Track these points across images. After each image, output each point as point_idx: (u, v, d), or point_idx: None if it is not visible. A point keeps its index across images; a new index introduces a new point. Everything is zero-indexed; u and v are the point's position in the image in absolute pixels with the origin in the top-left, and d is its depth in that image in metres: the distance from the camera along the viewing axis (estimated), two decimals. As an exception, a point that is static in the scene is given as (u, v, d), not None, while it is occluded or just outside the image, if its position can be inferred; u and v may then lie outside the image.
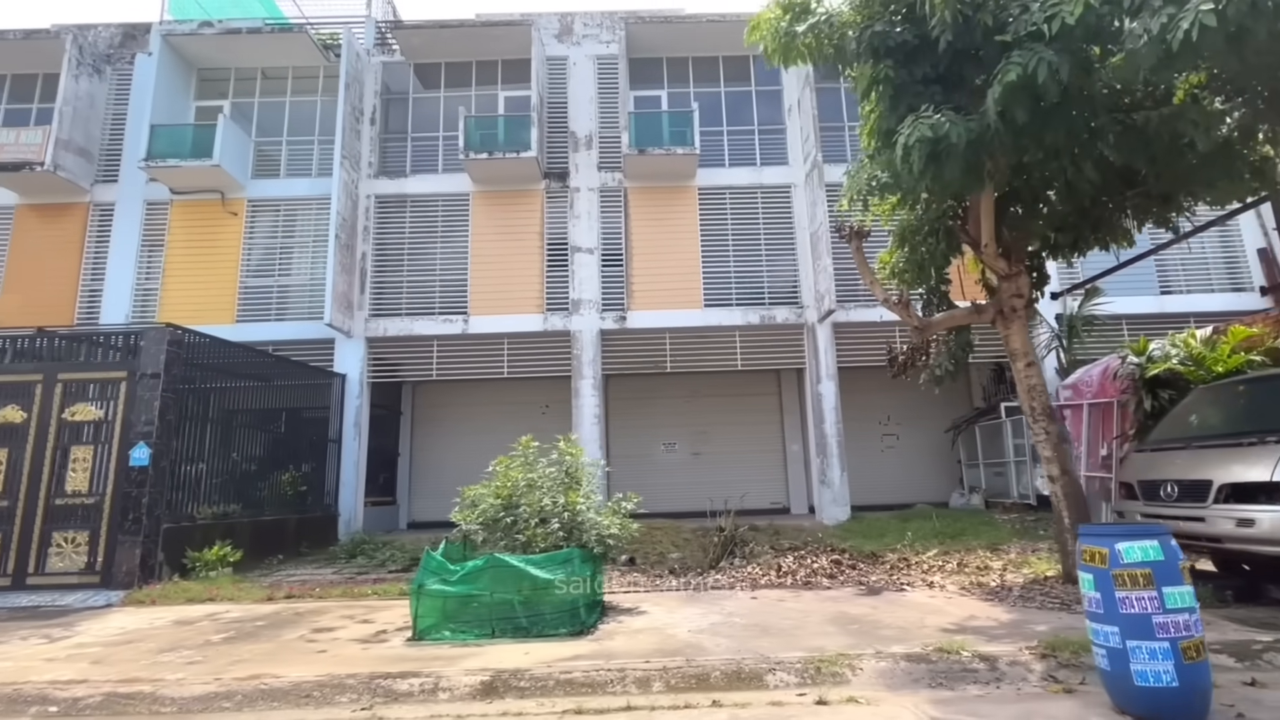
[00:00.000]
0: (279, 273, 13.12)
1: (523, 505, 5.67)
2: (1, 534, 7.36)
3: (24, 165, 12.29)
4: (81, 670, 4.33)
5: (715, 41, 13.83)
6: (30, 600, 6.94)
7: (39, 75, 13.90)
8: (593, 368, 12.53)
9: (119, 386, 7.70)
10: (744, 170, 13.50)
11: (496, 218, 13.20)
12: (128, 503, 7.37)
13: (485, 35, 13.44)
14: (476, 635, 4.92)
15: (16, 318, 12.53)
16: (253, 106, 13.84)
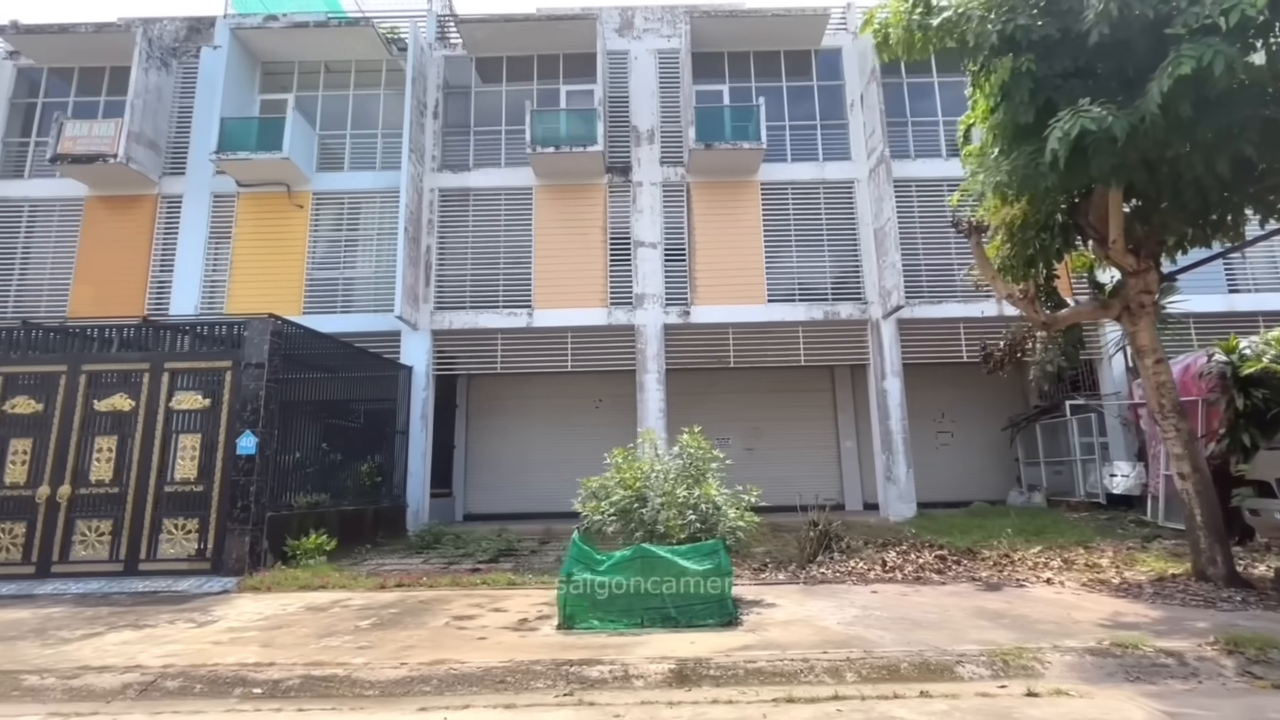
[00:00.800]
0: (344, 265, 13.22)
1: (657, 496, 5.70)
2: (113, 520, 7.47)
3: (97, 157, 12.43)
4: (256, 653, 4.40)
5: (777, 36, 13.77)
6: (145, 585, 7.04)
7: (106, 68, 14.05)
8: (657, 362, 12.55)
9: (224, 376, 7.79)
10: (807, 165, 13.45)
11: (559, 212, 13.23)
12: (236, 491, 7.46)
13: (549, 29, 13.45)
14: (626, 625, 4.95)
15: (88, 308, 12.70)
16: (316, 100, 13.91)
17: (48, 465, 7.58)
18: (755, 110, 12.70)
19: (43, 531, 7.43)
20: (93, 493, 7.54)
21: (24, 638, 5.02)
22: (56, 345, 8.05)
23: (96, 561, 7.36)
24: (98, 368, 7.83)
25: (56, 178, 13.46)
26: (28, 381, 7.79)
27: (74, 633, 5.14)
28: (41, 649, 4.65)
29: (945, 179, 13.31)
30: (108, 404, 7.73)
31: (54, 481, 7.53)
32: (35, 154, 13.72)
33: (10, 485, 7.56)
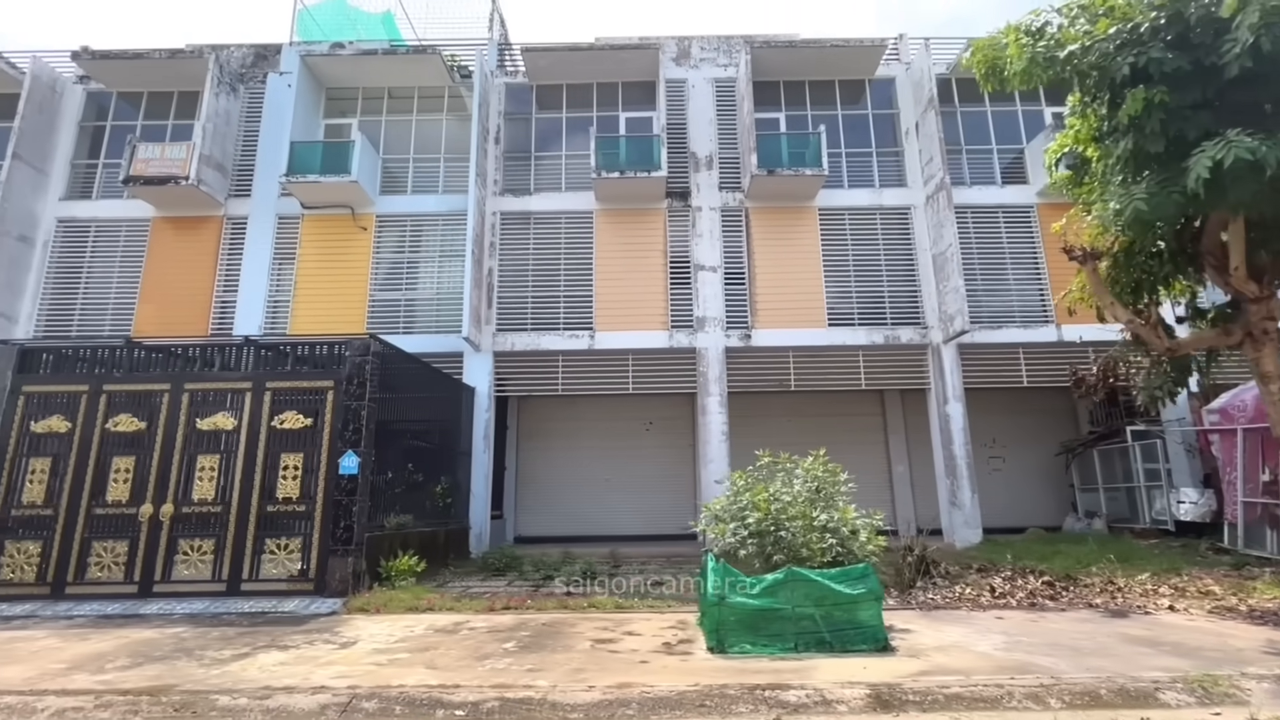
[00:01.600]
0: (406, 286, 13.34)
1: (796, 519, 5.69)
2: (215, 539, 7.46)
3: (169, 179, 12.63)
4: (428, 675, 4.37)
5: (832, 65, 14.06)
6: (251, 606, 7.01)
7: (174, 93, 14.35)
8: (719, 385, 12.59)
9: (325, 395, 7.84)
10: (863, 191, 13.63)
11: (620, 235, 13.39)
12: (339, 511, 7.46)
13: (611, 58, 13.75)
14: (780, 649, 4.92)
15: (152, 327, 12.83)
16: (379, 124, 14.17)
17: (150, 483, 7.59)
18: (816, 138, 12.92)
19: (145, 550, 7.41)
20: (195, 511, 7.54)
21: (173, 657, 4.99)
22: (157, 364, 8.09)
23: (199, 581, 7.33)
24: (200, 386, 7.89)
25: (124, 199, 13.67)
26: (130, 399, 7.84)
27: (221, 653, 5.11)
28: (205, 669, 4.63)
29: (1000, 205, 13.51)
30: (210, 423, 7.77)
31: (156, 500, 7.54)
32: (103, 176, 13.95)
33: (113, 503, 7.57)
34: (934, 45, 14.15)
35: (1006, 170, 13.86)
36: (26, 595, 7.24)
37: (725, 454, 12.35)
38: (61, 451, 7.68)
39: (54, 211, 13.56)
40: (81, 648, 5.36)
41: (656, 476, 15.19)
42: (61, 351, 8.14)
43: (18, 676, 4.49)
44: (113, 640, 5.60)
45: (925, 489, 14.74)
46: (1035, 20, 6.48)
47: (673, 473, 15.15)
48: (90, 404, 7.79)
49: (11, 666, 4.78)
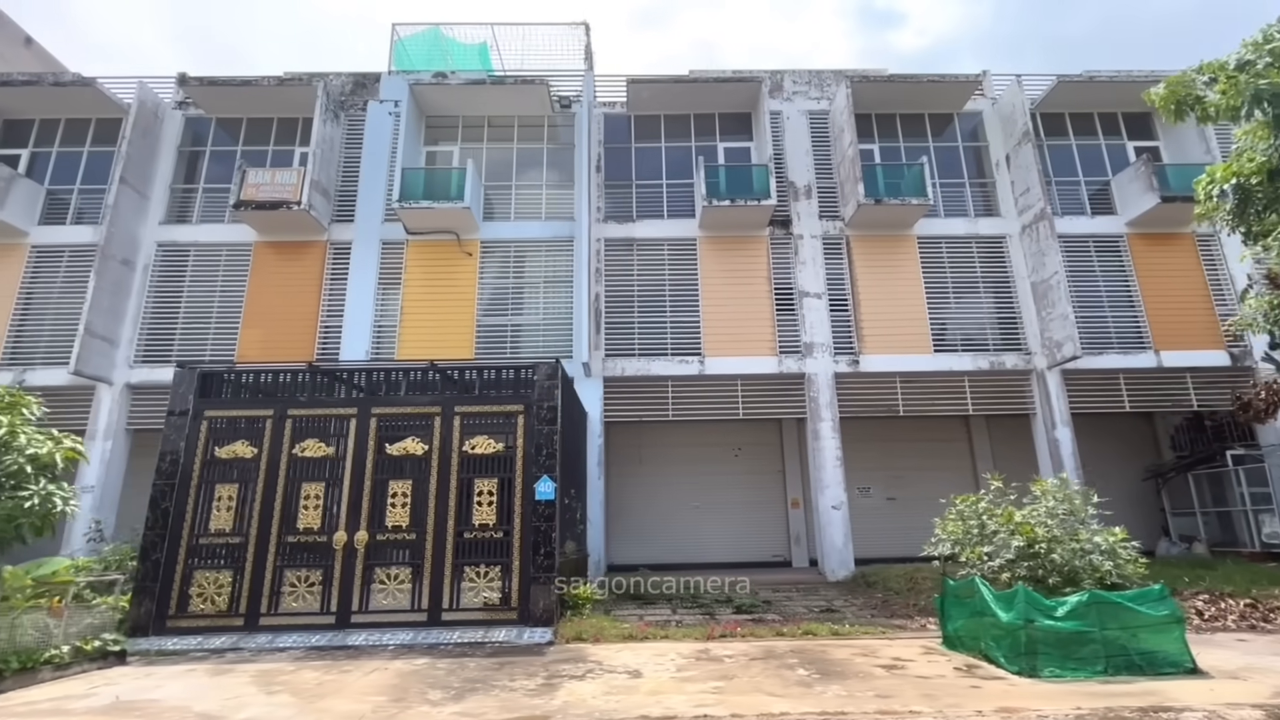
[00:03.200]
0: (511, 312, 13.34)
1: (1059, 542, 5.72)
2: (412, 567, 7.31)
3: (281, 204, 12.62)
4: (785, 704, 4.30)
5: (923, 100, 14.48)
6: (459, 636, 6.86)
7: (273, 119, 14.41)
8: (830, 410, 12.65)
9: (516, 420, 7.78)
10: (959, 221, 13.94)
11: (724, 262, 13.54)
12: (538, 537, 7.36)
13: (712, 91, 14.07)
14: (1092, 673, 4.92)
15: (257, 352, 12.70)
16: (480, 152, 14.29)
17: (342, 510, 7.45)
18: (919, 168, 13.25)
19: (341, 579, 7.24)
20: (389, 539, 7.40)
21: (476, 689, 4.86)
22: (340, 388, 8.00)
23: (398, 611, 7.16)
24: (388, 411, 7.80)
25: (225, 223, 13.64)
26: (316, 424, 7.73)
27: (514, 683, 4.99)
28: (538, 699, 4.52)
29: (1090, 235, 13.86)
30: (399, 448, 7.67)
31: (350, 527, 7.39)
32: (202, 200, 13.90)
33: (304, 530, 7.40)
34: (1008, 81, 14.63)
35: (1094, 200, 14.26)
36: (220, 627, 7.02)
37: (840, 479, 12.37)
38: (248, 477, 7.53)
39: (154, 235, 13.46)
40: (357, 680, 5.20)
41: (744, 503, 15.11)
42: (240, 376, 8.02)
43: (352, 710, 4.34)
44: (375, 673, 5.44)
45: (1015, 514, 14.82)
46: (1239, 57, 6.76)
47: (761, 499, 15.10)
48: (275, 429, 7.67)
49: (331, 699, 4.63)
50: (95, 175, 14.04)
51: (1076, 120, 14.84)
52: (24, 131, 14.28)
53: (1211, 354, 12.96)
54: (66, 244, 13.41)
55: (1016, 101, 13.88)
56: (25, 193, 13.29)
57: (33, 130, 14.25)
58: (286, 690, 4.87)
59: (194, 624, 7.03)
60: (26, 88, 13.62)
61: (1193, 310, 13.34)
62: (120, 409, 12.45)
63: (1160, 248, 13.75)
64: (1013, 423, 14.65)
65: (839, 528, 12.12)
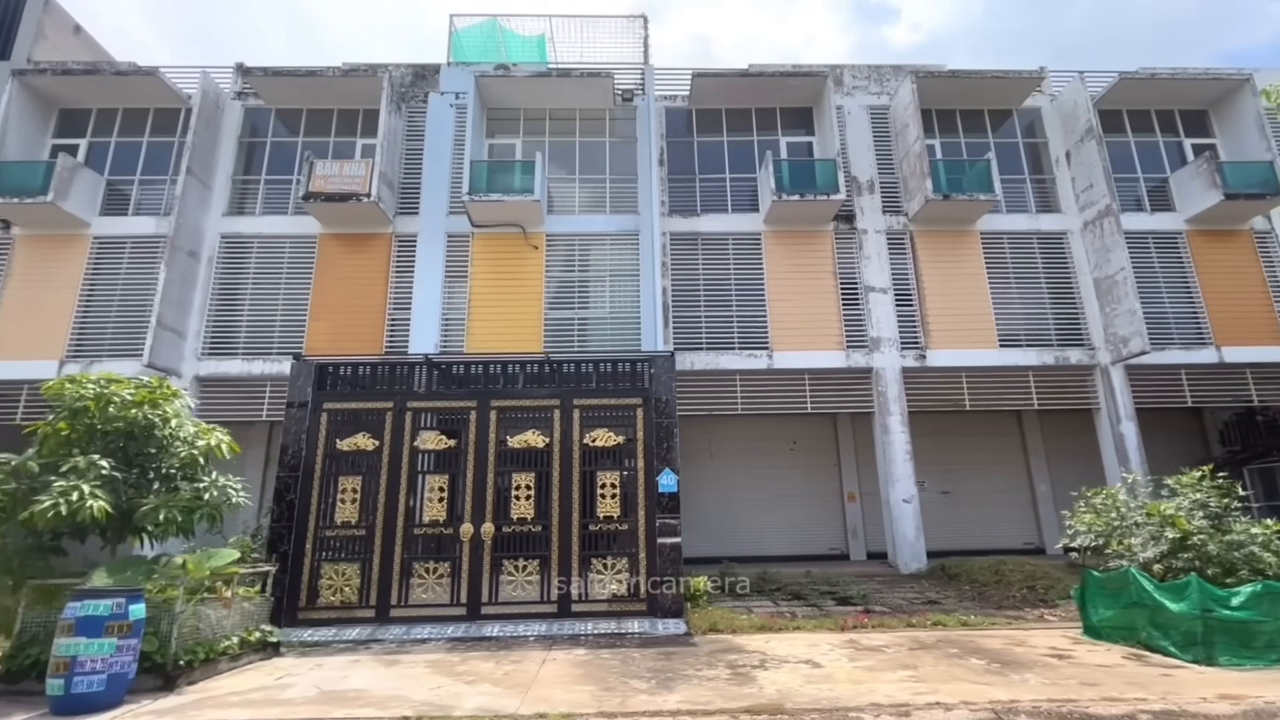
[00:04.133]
0: (579, 305, 13.33)
1: (1210, 536, 5.80)
2: (539, 559, 7.34)
3: (350, 196, 12.55)
4: (1004, 692, 4.36)
5: (983, 96, 14.52)
6: (593, 627, 6.88)
7: (333, 110, 14.31)
8: (899, 404, 12.73)
9: (634, 412, 7.81)
10: (1020, 217, 14.02)
11: (789, 256, 13.57)
12: (663, 529, 7.39)
13: (777, 85, 14.06)
14: (1267, 662, 5.00)
15: (326, 345, 12.64)
16: (542, 145, 14.23)
17: (467, 502, 7.46)
18: (985, 164, 13.30)
19: (469, 571, 7.26)
20: (515, 531, 7.42)
21: (670, 679, 4.89)
22: (457, 381, 7.99)
23: (528, 602, 7.19)
24: (507, 404, 7.80)
25: (288, 215, 13.56)
26: (436, 417, 7.73)
27: (701, 672, 5.03)
28: (738, 688, 4.56)
29: (1150, 231, 13.95)
30: (520, 440, 7.68)
31: (476, 519, 7.40)
32: (265, 191, 13.80)
33: (429, 523, 7.42)
34: (1068, 78, 14.70)
35: (1149, 198, 14.36)
36: (351, 619, 7.03)
37: (910, 473, 12.46)
38: (370, 470, 7.53)
39: (217, 227, 13.37)
40: (539, 670, 5.23)
41: (800, 497, 15.19)
42: (356, 369, 7.99)
43: (573, 699, 4.37)
44: (549, 663, 5.47)
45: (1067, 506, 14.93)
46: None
47: (816, 493, 15.20)
48: (396, 421, 7.67)
49: (542, 689, 4.65)
50: (154, 166, 13.92)
51: (1134, 117, 14.93)
52: (81, 121, 14.12)
53: (1272, 350, 13.11)
54: (128, 235, 13.29)
55: (1079, 98, 13.94)
56: (87, 183, 13.16)
57: (90, 120, 14.09)
58: (483, 680, 4.89)
59: (325, 615, 7.03)
60: (86, 77, 13.45)
61: (1253, 306, 13.48)
62: (189, 400, 12.35)
63: (1219, 244, 13.88)
64: (1067, 417, 14.79)
65: (910, 521, 12.21)
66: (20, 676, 4.72)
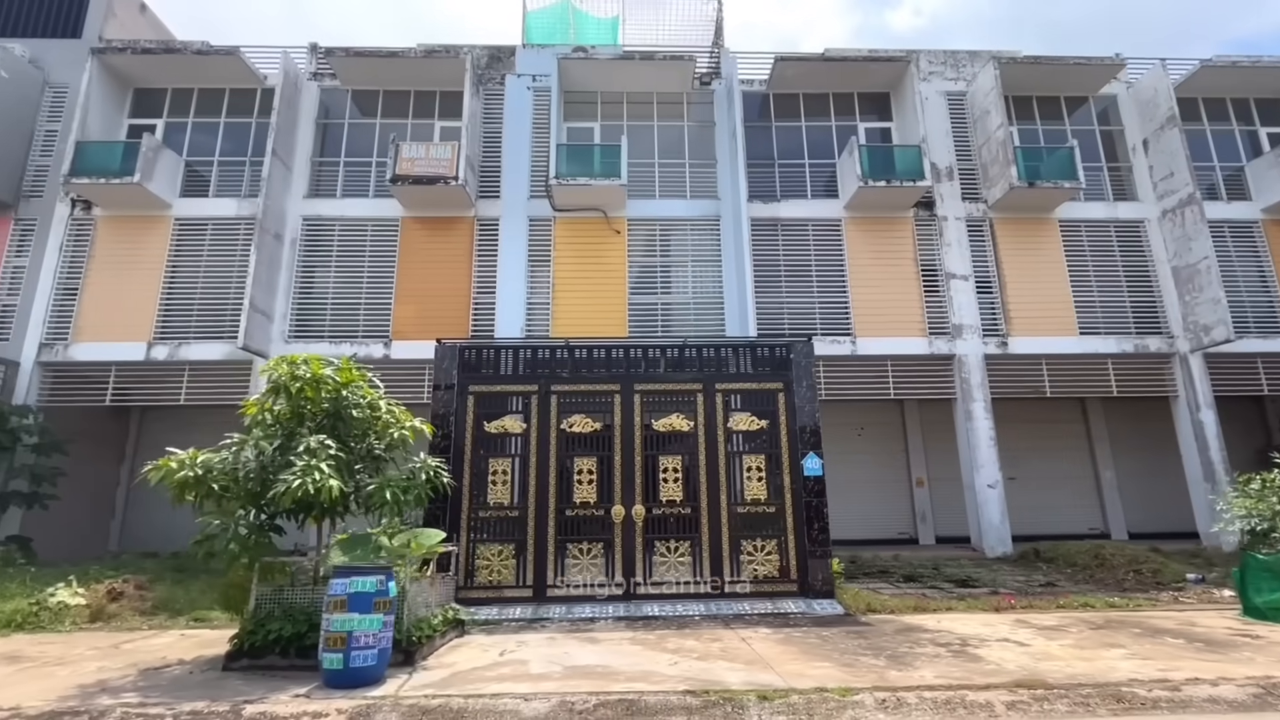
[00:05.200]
0: (661, 290, 13.36)
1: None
2: (690, 541, 7.44)
3: (438, 179, 12.51)
4: (1230, 667, 4.49)
5: (1058, 83, 14.49)
6: (749, 607, 7.00)
7: (410, 92, 14.22)
8: (982, 390, 12.84)
9: (776, 397, 7.89)
10: (1098, 205, 14.05)
11: (871, 243, 13.60)
12: (810, 512, 7.51)
13: (858, 70, 14.00)
14: None
15: (413, 329, 12.69)
16: (619, 129, 14.17)
17: (616, 484, 7.55)
18: (1069, 151, 13.31)
19: (623, 552, 7.36)
20: (665, 513, 7.52)
21: (890, 657, 5.01)
22: (599, 364, 8.04)
23: (682, 583, 7.31)
24: (650, 388, 7.87)
25: (369, 197, 13.52)
26: (581, 400, 7.80)
27: (917, 650, 5.15)
28: (975, 664, 4.67)
29: (1225, 220, 14.00)
30: (665, 424, 7.76)
31: (626, 501, 7.50)
32: (344, 173, 13.74)
33: (580, 504, 7.51)
34: (1148, 65, 14.66)
35: (1226, 186, 14.39)
36: (508, 598, 7.14)
37: (995, 458, 12.61)
38: (520, 452, 7.60)
39: (298, 209, 13.32)
40: (742, 647, 5.34)
41: (869, 481, 15.33)
42: (499, 352, 8.03)
43: (827, 674, 4.48)
44: (744, 641, 5.58)
45: (1132, 493, 15.19)
46: None
47: (885, 478, 15.35)
48: (542, 404, 7.73)
49: (780, 666, 4.75)
50: (231, 146, 13.85)
51: (1209, 105, 14.92)
52: (156, 101, 14.01)
53: (1352, 339, 13.24)
54: (209, 216, 13.25)
55: (1160, 85, 13.92)
56: (168, 164, 13.08)
57: (165, 100, 13.98)
58: (710, 656, 4.99)
59: (483, 595, 7.13)
60: (165, 56, 13.32)
61: None
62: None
63: (1296, 233, 13.95)
64: (1133, 405, 14.95)
65: (995, 506, 12.37)
66: (264, 651, 4.80)
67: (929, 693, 3.97)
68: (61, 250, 12.83)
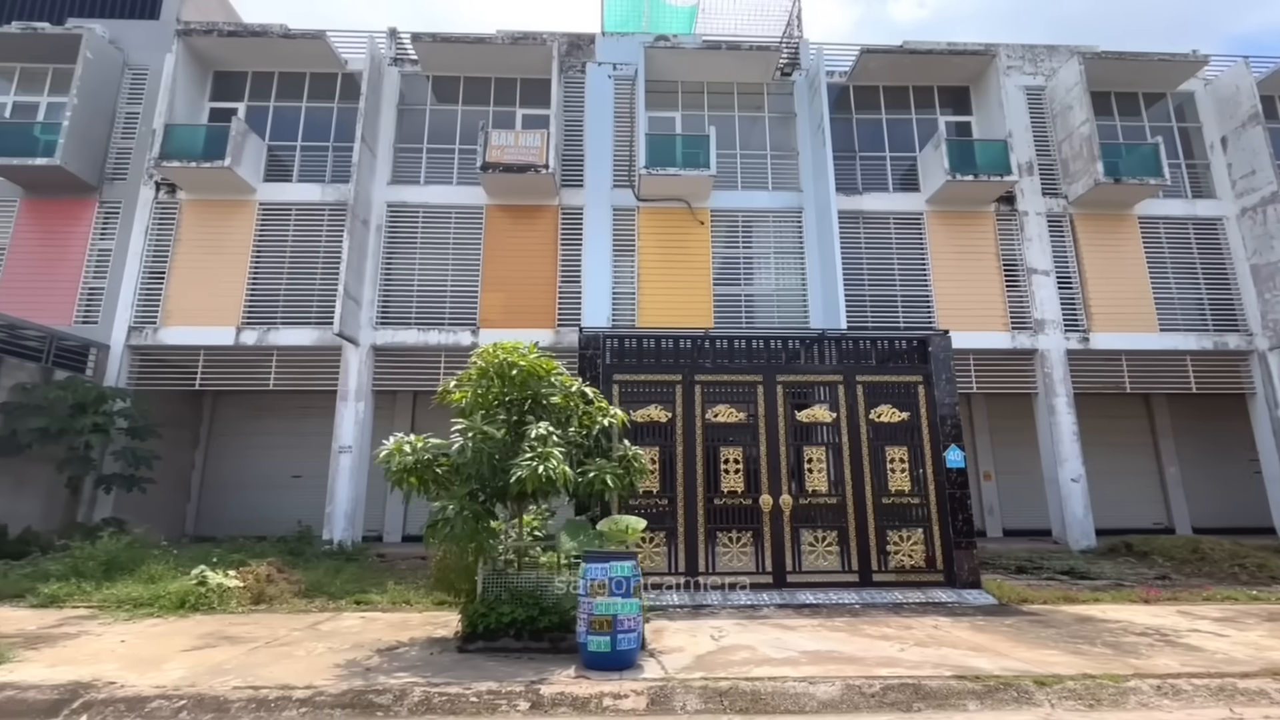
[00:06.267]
0: (744, 281, 13.39)
1: None
2: (837, 530, 7.53)
3: (529, 167, 12.48)
4: None
5: (1138, 79, 14.49)
6: (900, 596, 7.10)
7: (490, 79, 14.16)
8: (1065, 386, 12.93)
9: (916, 389, 7.95)
10: (1176, 202, 14.09)
11: (953, 237, 13.63)
12: (954, 503, 7.59)
13: (939, 63, 13.99)
14: None
15: (500, 317, 12.74)
16: (701, 119, 14.14)
17: (762, 473, 7.62)
18: (1154, 148, 13.34)
19: (771, 540, 7.45)
20: (811, 503, 7.60)
21: (1109, 645, 5.10)
22: (740, 355, 8.09)
23: (831, 571, 7.40)
24: (791, 379, 7.92)
25: (453, 184, 13.50)
26: (724, 390, 7.85)
27: (1127, 640, 5.24)
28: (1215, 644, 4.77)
29: (1303, 219, 14.05)
30: (808, 415, 7.82)
31: (773, 490, 7.57)
32: (427, 160, 13.71)
33: (728, 493, 7.58)
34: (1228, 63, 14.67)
35: (1302, 185, 14.44)
36: (661, 584, 7.19)
37: (1078, 452, 12.71)
38: (666, 440, 7.65)
39: (382, 195, 13.29)
40: (955, 634, 5.43)
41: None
42: (641, 341, 8.08)
43: (1061, 660, 4.56)
44: (939, 629, 5.68)
45: (1196, 489, 15.32)
46: None
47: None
48: (686, 394, 7.78)
49: (1013, 650, 4.84)
50: (313, 131, 13.79)
51: (1285, 103, 14.96)
52: (237, 84, 13.93)
53: None
54: (293, 202, 13.22)
55: (1242, 84, 13.94)
56: (254, 149, 13.04)
57: (246, 83, 13.89)
58: (918, 644, 5.08)
59: (636, 581, 7.19)
60: (251, 39, 13.24)
61: None
62: (366, 370, 12.42)
63: (1372, 233, 14.01)
64: (1200, 401, 15.05)
65: (1079, 499, 12.49)
66: (498, 634, 4.87)
67: (1198, 680, 4.06)
68: (147, 234, 12.79)
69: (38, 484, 10.79)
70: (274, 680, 4.04)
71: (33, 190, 12.80)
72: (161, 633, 5.52)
